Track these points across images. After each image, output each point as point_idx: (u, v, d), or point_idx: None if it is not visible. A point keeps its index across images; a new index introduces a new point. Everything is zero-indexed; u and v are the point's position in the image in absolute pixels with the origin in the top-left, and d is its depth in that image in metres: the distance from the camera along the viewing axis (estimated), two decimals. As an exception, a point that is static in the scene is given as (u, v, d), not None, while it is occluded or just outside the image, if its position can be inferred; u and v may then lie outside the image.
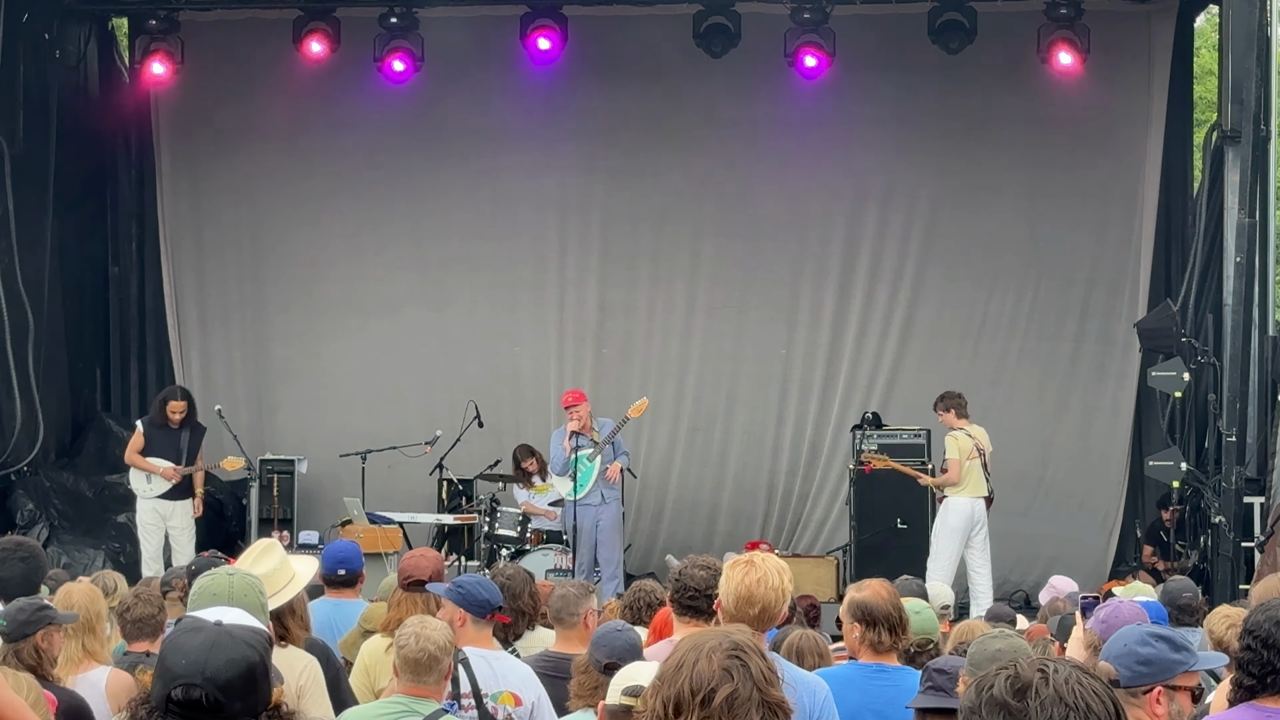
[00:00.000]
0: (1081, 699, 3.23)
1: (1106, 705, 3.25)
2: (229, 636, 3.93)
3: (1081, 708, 3.22)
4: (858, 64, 19.99)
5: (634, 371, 20.88)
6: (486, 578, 8.39)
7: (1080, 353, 20.41)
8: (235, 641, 3.93)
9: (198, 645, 3.90)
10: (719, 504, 20.66)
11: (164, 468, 17.99)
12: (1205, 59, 27.69)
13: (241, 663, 3.90)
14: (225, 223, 21.44)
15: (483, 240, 21.00)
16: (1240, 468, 16.30)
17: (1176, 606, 9.84)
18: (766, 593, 6.21)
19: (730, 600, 6.23)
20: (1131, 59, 20.20)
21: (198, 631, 3.94)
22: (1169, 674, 5.55)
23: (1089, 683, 3.29)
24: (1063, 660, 3.33)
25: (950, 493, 17.47)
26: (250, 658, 3.92)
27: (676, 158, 20.73)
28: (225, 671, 3.87)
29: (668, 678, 4.02)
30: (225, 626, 3.96)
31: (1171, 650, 5.59)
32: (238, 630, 3.97)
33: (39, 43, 19.72)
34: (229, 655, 3.89)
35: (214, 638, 3.92)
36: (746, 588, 6.21)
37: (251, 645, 3.95)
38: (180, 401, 18.26)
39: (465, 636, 7.84)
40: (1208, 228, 18.02)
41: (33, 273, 19.35)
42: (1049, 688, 3.24)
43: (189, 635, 3.94)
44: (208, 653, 3.88)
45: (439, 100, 20.72)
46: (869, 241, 20.62)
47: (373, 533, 17.61)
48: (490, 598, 7.99)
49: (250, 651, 3.93)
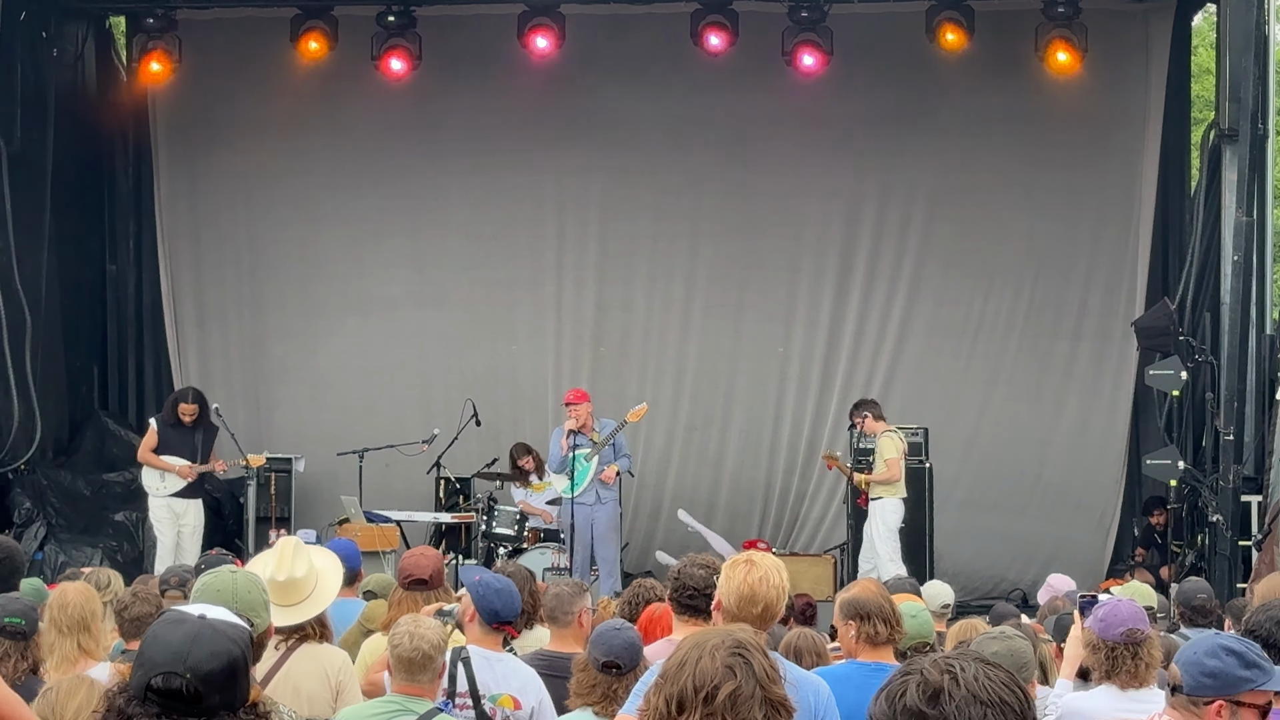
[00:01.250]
0: (995, 694, 3.19)
1: (1018, 695, 3.22)
2: (212, 630, 3.94)
3: (997, 703, 3.18)
4: (855, 62, 19.99)
5: (631, 370, 20.88)
6: (513, 587, 8.09)
7: (1078, 351, 20.42)
8: (218, 635, 3.94)
9: (180, 637, 3.91)
10: (716, 502, 20.66)
11: (180, 465, 18.03)
12: (1203, 57, 27.70)
13: (223, 655, 3.91)
14: (223, 221, 21.43)
15: (480, 239, 21.01)
16: (1238, 466, 16.30)
17: (1191, 608, 9.90)
18: (768, 591, 6.23)
19: (732, 600, 6.24)
20: (1129, 57, 20.21)
21: (180, 623, 3.95)
22: (1233, 689, 5.44)
23: (997, 675, 3.25)
24: (965, 656, 3.27)
25: (884, 493, 17.60)
26: (232, 652, 3.93)
27: (674, 156, 20.72)
28: (207, 664, 3.88)
29: (670, 675, 4.05)
30: (209, 620, 3.97)
31: (1240, 667, 5.47)
32: (220, 624, 3.98)
33: (36, 41, 19.71)
34: (211, 648, 3.90)
35: (197, 630, 3.93)
36: (749, 586, 6.22)
37: (234, 640, 3.96)
38: (192, 404, 18.35)
39: (471, 634, 7.84)
40: (1205, 226, 18.03)
41: (30, 271, 19.34)
42: (961, 688, 3.19)
43: (172, 627, 3.95)
44: (190, 644, 3.89)
45: (437, 99, 20.71)
46: (866, 240, 20.63)
47: (370, 531, 17.61)
48: (502, 610, 7.85)
49: (232, 646, 3.94)
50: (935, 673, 3.22)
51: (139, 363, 21.78)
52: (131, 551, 19.29)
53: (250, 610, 5.16)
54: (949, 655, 3.30)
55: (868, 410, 17.94)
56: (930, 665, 3.24)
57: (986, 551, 20.10)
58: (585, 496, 17.43)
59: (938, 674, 3.21)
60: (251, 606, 5.20)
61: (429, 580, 9.14)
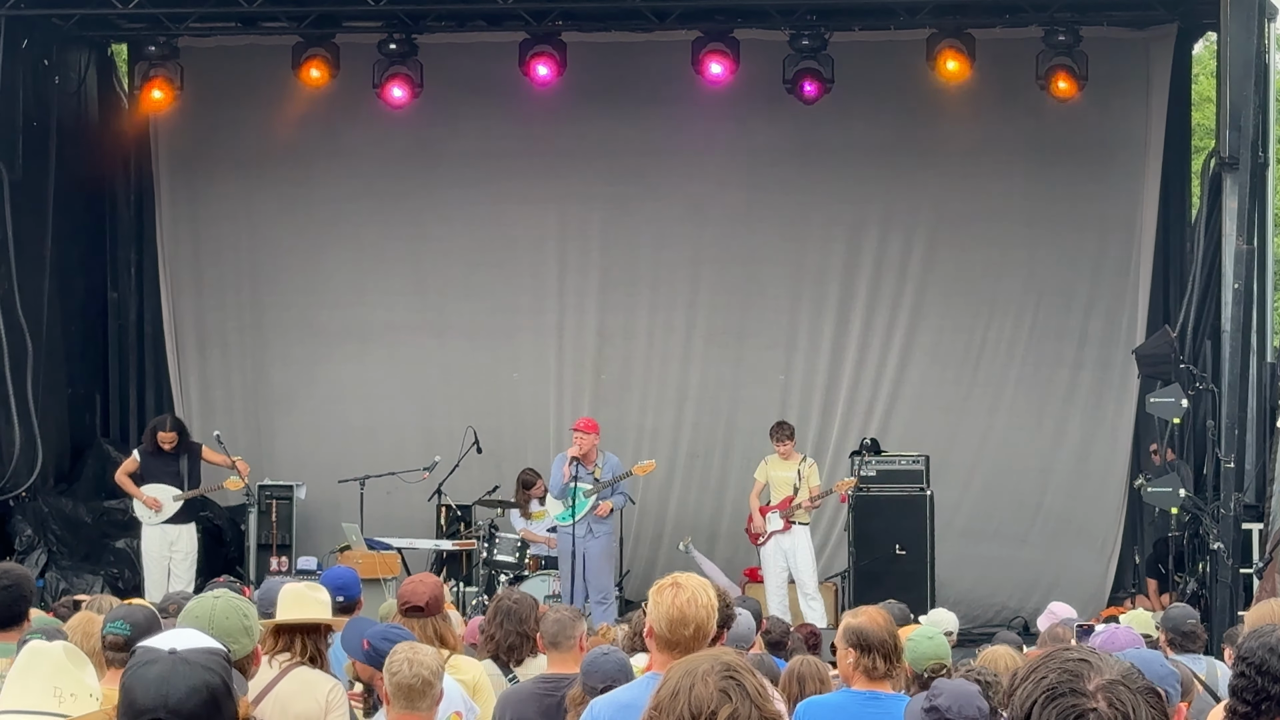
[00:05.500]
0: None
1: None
2: (185, 664, 3.92)
3: None
4: (856, 90, 20.02)
5: (633, 397, 20.88)
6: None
7: (1078, 379, 20.42)
8: (192, 667, 3.92)
9: (155, 677, 3.89)
10: (718, 530, 20.62)
11: (148, 497, 18.05)
12: (1203, 86, 27.75)
13: (202, 689, 3.89)
14: (224, 248, 21.46)
15: (482, 266, 21.02)
16: (1238, 494, 16.27)
17: (1180, 633, 9.93)
18: (698, 611, 6.18)
19: (663, 624, 6.18)
20: (1130, 86, 20.23)
21: (154, 663, 3.93)
22: None
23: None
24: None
25: (806, 520, 17.84)
26: (210, 681, 3.92)
27: (675, 184, 20.75)
28: (188, 700, 3.87)
29: (664, 706, 4.05)
30: (180, 654, 3.94)
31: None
32: (193, 655, 3.96)
33: (38, 68, 19.77)
34: (189, 683, 3.88)
35: (170, 667, 3.91)
36: (678, 609, 6.17)
37: (209, 668, 3.94)
38: (170, 432, 18.39)
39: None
40: (1206, 254, 18.02)
41: (32, 298, 19.37)
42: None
43: (146, 668, 3.93)
44: (167, 684, 3.87)
45: (438, 126, 20.75)
46: (867, 268, 20.64)
47: (371, 558, 17.60)
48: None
49: (209, 675, 3.92)
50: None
51: (140, 390, 21.79)
52: (132, 579, 19.27)
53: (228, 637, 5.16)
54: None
55: (790, 436, 18.51)
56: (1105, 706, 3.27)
57: (987, 579, 20.08)
58: (577, 528, 17.39)
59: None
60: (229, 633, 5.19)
61: (425, 608, 9.15)
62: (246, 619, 5.30)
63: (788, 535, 18.11)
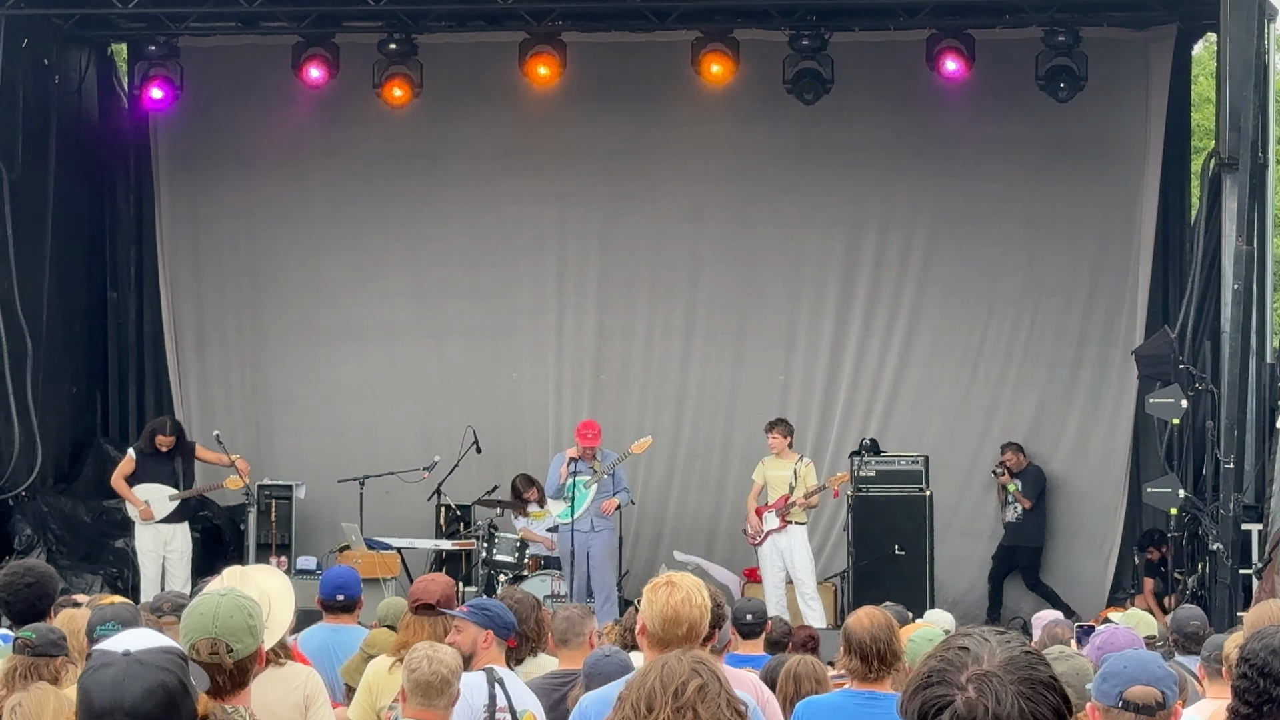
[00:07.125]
0: None
1: None
2: (139, 665, 3.93)
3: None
4: (856, 90, 20.02)
5: (632, 397, 20.88)
6: (498, 601, 8.61)
7: (1077, 379, 20.42)
8: (146, 668, 3.92)
9: (110, 680, 3.90)
10: (717, 530, 20.61)
11: (142, 508, 18.03)
12: (1203, 86, 27.73)
13: (158, 690, 3.90)
14: (224, 248, 21.46)
15: (481, 266, 21.02)
16: (1238, 495, 16.29)
17: (1184, 634, 10.05)
18: (691, 611, 6.20)
19: (656, 623, 6.20)
20: (1129, 86, 20.24)
21: (108, 667, 3.94)
22: None
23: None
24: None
25: (802, 519, 17.85)
26: (165, 681, 3.92)
27: (675, 184, 20.76)
28: (144, 702, 3.88)
29: (635, 684, 4.29)
30: (134, 655, 3.95)
31: None
32: (148, 656, 3.96)
33: (38, 68, 19.76)
34: (144, 685, 3.89)
35: (124, 670, 3.92)
36: (672, 608, 6.19)
37: (164, 668, 3.94)
38: (169, 436, 18.39)
39: (488, 657, 7.90)
40: (1205, 255, 18.02)
41: (31, 297, 19.37)
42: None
43: (101, 671, 3.95)
44: (121, 686, 3.89)
45: (438, 126, 20.75)
46: (867, 268, 20.64)
47: (371, 558, 17.62)
48: (512, 621, 8.21)
49: (164, 675, 3.93)
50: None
51: (140, 389, 21.78)
52: (131, 578, 19.27)
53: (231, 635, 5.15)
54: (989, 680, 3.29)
55: (790, 432, 18.46)
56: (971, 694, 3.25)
57: (986, 579, 20.10)
58: (581, 524, 17.41)
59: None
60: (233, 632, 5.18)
61: (436, 605, 9.16)
62: (251, 618, 5.28)
63: (784, 535, 18.10)
